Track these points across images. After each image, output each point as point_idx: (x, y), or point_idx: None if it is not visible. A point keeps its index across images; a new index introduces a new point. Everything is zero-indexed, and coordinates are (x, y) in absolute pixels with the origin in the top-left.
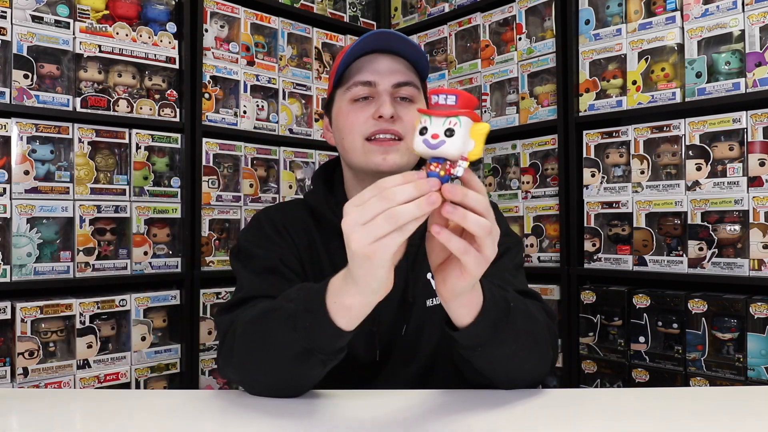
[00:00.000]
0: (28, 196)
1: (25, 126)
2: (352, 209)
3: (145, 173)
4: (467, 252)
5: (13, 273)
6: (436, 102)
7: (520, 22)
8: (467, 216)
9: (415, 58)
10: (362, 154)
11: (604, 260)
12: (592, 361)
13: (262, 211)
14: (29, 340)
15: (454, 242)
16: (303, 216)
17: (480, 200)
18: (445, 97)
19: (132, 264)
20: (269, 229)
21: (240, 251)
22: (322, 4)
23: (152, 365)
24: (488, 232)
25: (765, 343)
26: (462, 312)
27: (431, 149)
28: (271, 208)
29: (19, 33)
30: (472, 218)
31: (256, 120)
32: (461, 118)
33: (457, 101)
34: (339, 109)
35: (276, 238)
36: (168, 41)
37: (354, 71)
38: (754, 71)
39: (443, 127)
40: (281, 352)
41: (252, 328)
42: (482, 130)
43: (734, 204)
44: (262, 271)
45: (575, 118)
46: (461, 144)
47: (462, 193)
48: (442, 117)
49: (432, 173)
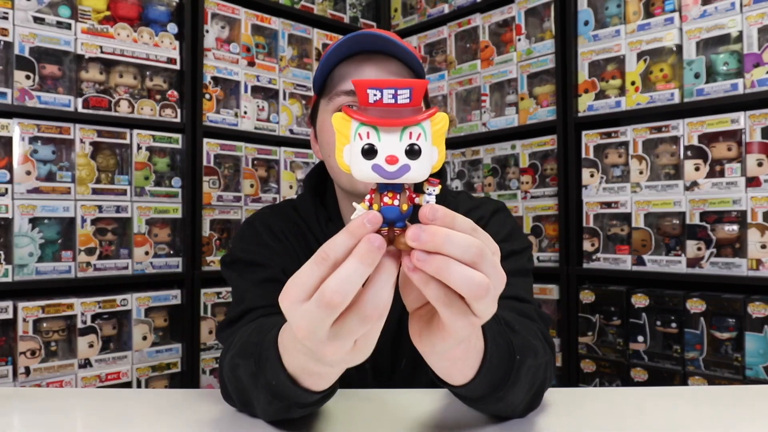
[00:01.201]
0: (29, 196)
1: (27, 126)
2: (292, 285)
3: (146, 173)
4: (450, 305)
5: (15, 273)
6: (377, 100)
7: (519, 23)
8: (450, 269)
9: (406, 60)
10: (348, 179)
11: (603, 260)
12: (591, 360)
13: (256, 218)
14: (31, 340)
15: (432, 289)
16: (297, 219)
17: (469, 244)
18: (393, 92)
19: (133, 264)
20: (267, 236)
21: (235, 261)
22: (323, 5)
23: (153, 364)
24: (484, 292)
25: (763, 342)
26: (449, 370)
27: (389, 178)
28: (265, 212)
29: (21, 34)
30: (457, 273)
31: (256, 120)
32: (425, 124)
33: (412, 96)
34: (323, 122)
35: (277, 246)
36: (169, 42)
37: (337, 78)
38: (752, 72)
39: (402, 144)
40: (260, 405)
41: (230, 375)
42: (441, 127)
43: (732, 204)
44: (263, 281)
45: (574, 119)
46: (429, 162)
47: (441, 238)
48: (397, 128)
49: (389, 210)
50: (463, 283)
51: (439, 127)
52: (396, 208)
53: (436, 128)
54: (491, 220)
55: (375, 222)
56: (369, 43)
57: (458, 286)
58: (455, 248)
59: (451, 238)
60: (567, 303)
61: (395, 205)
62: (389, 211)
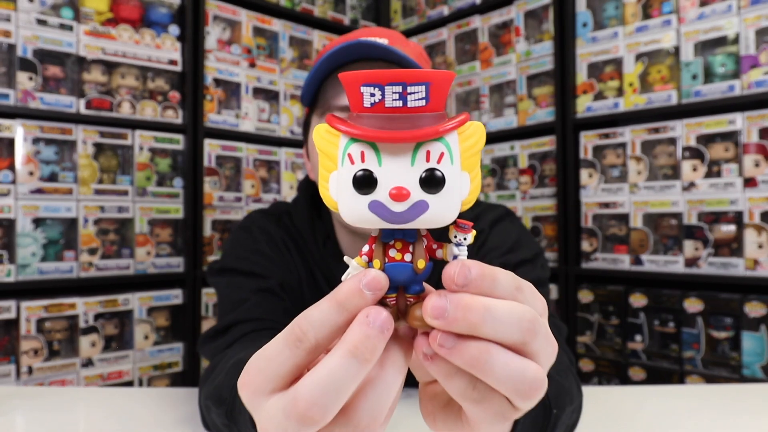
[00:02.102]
0: (32, 196)
1: (30, 127)
2: (255, 370)
3: (148, 174)
4: (482, 402)
5: (18, 273)
6: (376, 103)
7: (518, 24)
8: (492, 362)
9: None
10: None
11: (601, 260)
12: (589, 359)
13: (253, 223)
14: (34, 339)
15: (457, 384)
16: (293, 230)
17: (519, 317)
18: (400, 89)
19: (135, 264)
20: (266, 245)
21: (227, 270)
22: (323, 7)
23: (155, 364)
24: (537, 391)
25: (759, 341)
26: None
27: (396, 222)
28: (261, 218)
29: (24, 36)
30: (501, 367)
31: (257, 121)
32: (449, 139)
33: (430, 94)
34: None
35: (275, 256)
36: (170, 44)
37: (329, 91)
38: (749, 73)
39: (415, 170)
40: None
41: (205, 413)
42: (475, 142)
43: (730, 204)
44: (256, 291)
45: (573, 120)
46: (456, 196)
47: (478, 315)
48: (407, 145)
49: (397, 269)
50: (510, 380)
51: (472, 141)
52: (407, 266)
53: (466, 144)
54: (492, 232)
55: (376, 288)
56: (364, 53)
57: (501, 384)
58: (499, 329)
59: (494, 313)
60: (566, 302)
61: (406, 261)
62: (397, 270)
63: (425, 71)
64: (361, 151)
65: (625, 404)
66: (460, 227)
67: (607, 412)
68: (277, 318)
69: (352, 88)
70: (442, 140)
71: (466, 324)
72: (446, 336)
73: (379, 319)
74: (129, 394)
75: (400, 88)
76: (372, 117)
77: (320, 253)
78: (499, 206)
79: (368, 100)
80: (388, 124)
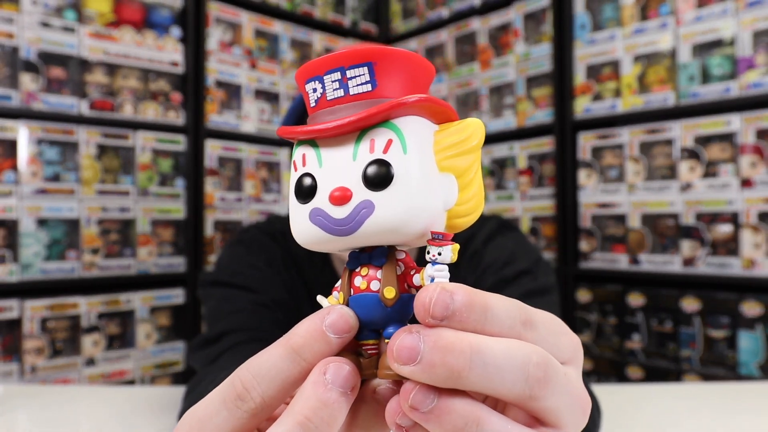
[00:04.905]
0: (35, 197)
1: (33, 129)
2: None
3: (149, 174)
4: None
5: (21, 272)
6: (319, 98)
7: (517, 26)
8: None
9: None
10: None
11: (599, 260)
12: (587, 358)
13: (253, 238)
14: (37, 338)
15: None
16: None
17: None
18: (339, 76)
19: (137, 264)
20: (264, 262)
21: (219, 283)
22: (323, 9)
23: (157, 363)
24: None
25: (756, 340)
26: None
27: (338, 232)
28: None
29: (27, 38)
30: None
31: (258, 122)
32: (398, 124)
33: (375, 75)
34: None
35: (274, 275)
36: (172, 45)
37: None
38: (746, 74)
39: (359, 165)
40: None
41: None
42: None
43: (726, 205)
44: (248, 303)
45: (571, 121)
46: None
47: (462, 361)
48: (347, 137)
49: (362, 303)
50: None
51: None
52: (373, 297)
53: (449, 139)
54: (485, 250)
55: (342, 329)
56: None
57: None
58: (495, 378)
59: (485, 355)
60: (564, 302)
61: (372, 290)
62: (360, 303)
63: (364, 48)
64: (303, 154)
65: (623, 403)
66: (433, 239)
67: (605, 411)
68: (270, 330)
69: (302, 89)
70: (389, 125)
71: (445, 371)
72: (423, 392)
73: (340, 376)
74: (131, 392)
75: (338, 74)
76: (316, 115)
77: (318, 281)
78: (491, 218)
79: (312, 97)
80: (328, 117)
